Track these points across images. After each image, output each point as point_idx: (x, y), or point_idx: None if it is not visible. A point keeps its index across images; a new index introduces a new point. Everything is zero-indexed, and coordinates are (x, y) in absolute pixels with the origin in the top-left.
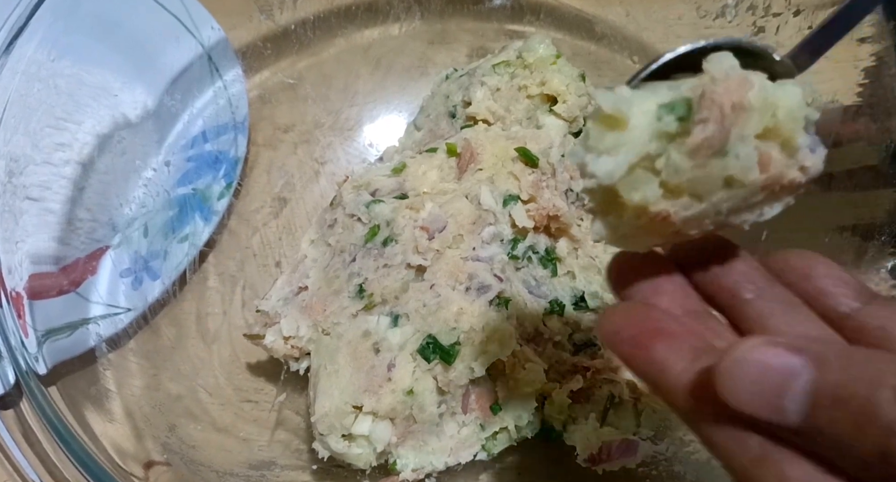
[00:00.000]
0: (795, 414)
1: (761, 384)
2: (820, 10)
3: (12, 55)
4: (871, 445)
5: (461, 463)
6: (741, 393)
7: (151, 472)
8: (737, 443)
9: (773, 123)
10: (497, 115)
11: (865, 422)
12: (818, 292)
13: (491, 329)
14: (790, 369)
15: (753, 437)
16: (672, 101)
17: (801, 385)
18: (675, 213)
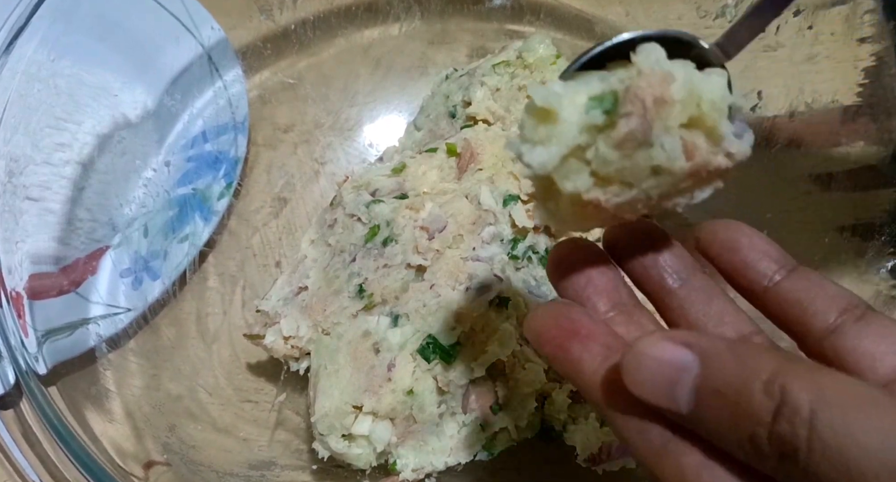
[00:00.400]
0: (685, 404)
1: (656, 376)
2: (820, 10)
3: (12, 55)
4: (743, 433)
5: (461, 463)
6: (641, 384)
7: (151, 472)
8: (641, 437)
9: (697, 113)
10: (497, 115)
11: (739, 412)
12: (743, 265)
13: (491, 329)
14: (680, 364)
15: (655, 430)
16: (600, 94)
17: (690, 379)
18: (607, 200)
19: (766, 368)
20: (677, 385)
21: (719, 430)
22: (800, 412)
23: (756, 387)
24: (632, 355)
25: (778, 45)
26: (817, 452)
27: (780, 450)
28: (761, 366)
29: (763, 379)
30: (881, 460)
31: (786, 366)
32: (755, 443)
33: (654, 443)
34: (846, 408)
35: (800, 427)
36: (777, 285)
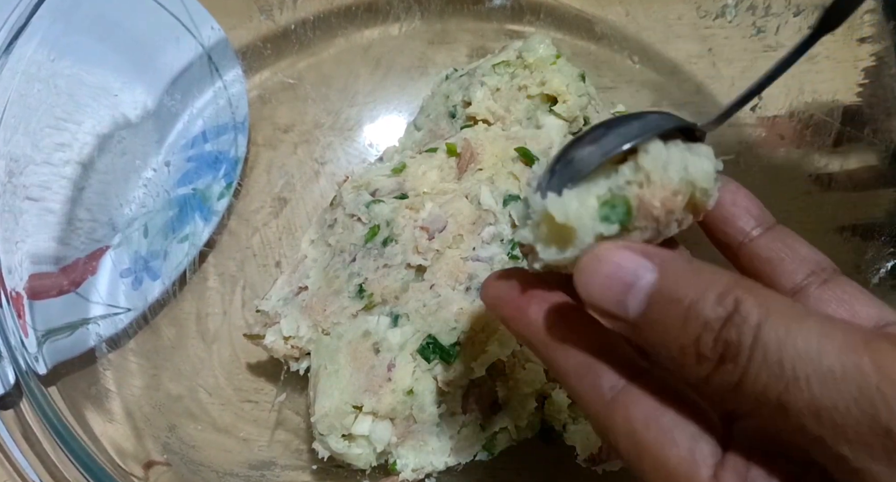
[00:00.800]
0: (634, 309)
1: (611, 280)
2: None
3: (12, 55)
4: (689, 338)
5: (461, 463)
6: (593, 286)
7: (151, 472)
8: (593, 390)
9: (691, 202)
10: (497, 115)
11: (689, 317)
12: (723, 219)
13: (491, 329)
14: (638, 270)
15: (605, 382)
16: (611, 200)
17: (644, 284)
18: None
19: (721, 282)
20: (631, 290)
21: (663, 336)
22: (748, 320)
23: (710, 297)
24: (591, 257)
25: (778, 45)
26: (758, 356)
27: (722, 353)
28: (717, 280)
29: (718, 291)
30: (814, 364)
31: (740, 282)
32: (698, 347)
33: (604, 395)
34: (790, 320)
35: (746, 333)
36: (753, 242)
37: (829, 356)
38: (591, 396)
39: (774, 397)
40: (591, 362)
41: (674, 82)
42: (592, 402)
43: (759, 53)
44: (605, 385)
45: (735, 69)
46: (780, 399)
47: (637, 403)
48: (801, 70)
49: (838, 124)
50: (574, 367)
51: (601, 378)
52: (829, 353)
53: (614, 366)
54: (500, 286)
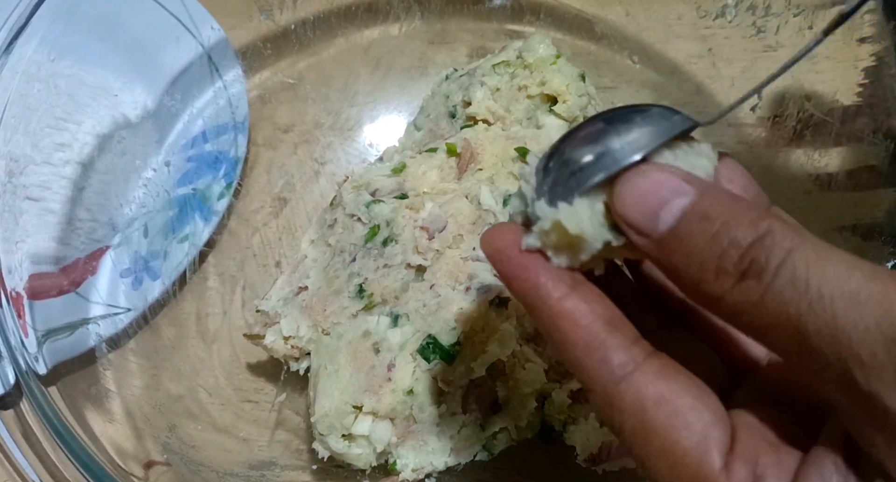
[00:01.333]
0: (665, 224)
1: (649, 194)
2: (820, 10)
3: (12, 55)
4: (713, 253)
5: (461, 463)
6: (629, 198)
7: (151, 472)
8: (603, 366)
9: None
10: (497, 115)
11: (719, 233)
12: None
13: (491, 329)
14: (678, 189)
15: (616, 357)
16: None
17: (680, 202)
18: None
19: (758, 211)
20: (665, 205)
21: (687, 252)
22: (779, 243)
23: (744, 219)
24: (635, 171)
25: (778, 45)
26: (786, 274)
27: (745, 269)
28: (754, 209)
29: (753, 216)
30: (841, 286)
31: (773, 213)
32: (721, 261)
33: (613, 371)
34: (821, 250)
35: (776, 254)
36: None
37: (856, 280)
38: (599, 371)
39: (795, 316)
40: (602, 335)
41: (674, 82)
42: (600, 377)
43: (759, 53)
44: (615, 360)
45: (735, 69)
46: (801, 318)
47: (651, 382)
48: (801, 70)
49: (838, 124)
50: (583, 339)
51: (612, 352)
52: (856, 279)
53: (624, 343)
54: (504, 237)
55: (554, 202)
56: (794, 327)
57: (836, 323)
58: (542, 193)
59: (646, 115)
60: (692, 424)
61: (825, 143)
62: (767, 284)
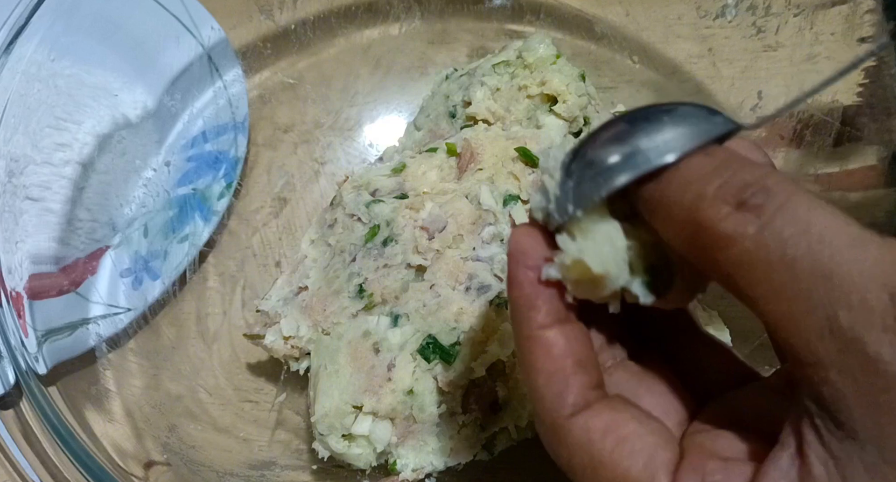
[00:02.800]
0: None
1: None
2: (820, 10)
3: (12, 55)
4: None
5: (461, 463)
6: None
7: (151, 472)
8: (558, 399)
9: None
10: (497, 114)
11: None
12: None
13: (491, 329)
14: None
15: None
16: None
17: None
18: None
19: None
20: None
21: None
22: (782, 185)
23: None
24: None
25: (778, 45)
26: (787, 213)
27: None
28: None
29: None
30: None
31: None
32: (721, 191)
33: (565, 408)
34: (821, 201)
35: (777, 193)
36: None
37: (857, 229)
38: (553, 404)
39: (790, 255)
40: (567, 372)
41: (674, 82)
42: (552, 410)
43: (759, 53)
44: (569, 399)
45: (735, 69)
46: (796, 257)
47: (597, 416)
48: (800, 70)
49: (838, 124)
50: (549, 370)
51: (570, 391)
52: (857, 228)
53: (585, 385)
54: (534, 246)
55: (580, 203)
56: (787, 265)
57: (834, 263)
58: (566, 192)
59: (684, 115)
60: (638, 450)
61: (825, 143)
62: (767, 219)
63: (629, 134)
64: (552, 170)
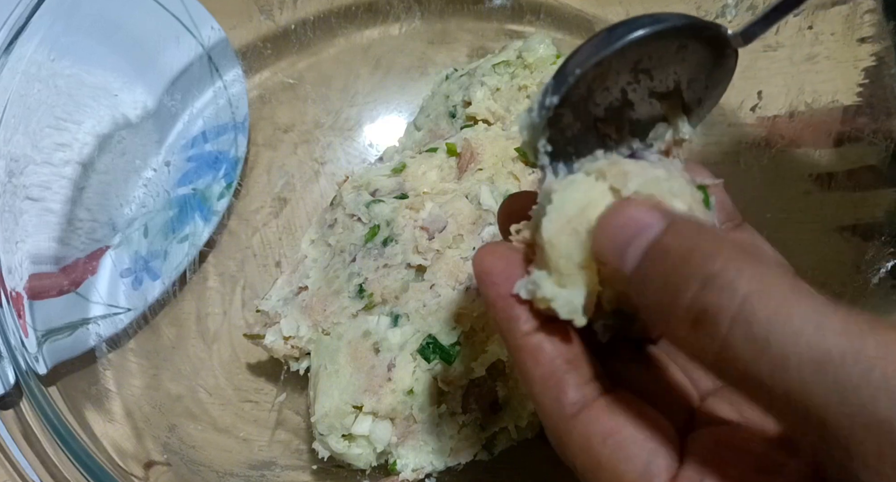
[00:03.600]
0: (631, 261)
1: (619, 230)
2: (820, 10)
3: (12, 55)
4: (669, 294)
5: (461, 463)
6: (603, 235)
7: (152, 472)
8: (557, 403)
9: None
10: (497, 114)
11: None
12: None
13: (491, 329)
14: (647, 223)
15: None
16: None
17: (646, 237)
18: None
19: (718, 244)
20: (633, 242)
21: (650, 292)
22: (735, 286)
23: (698, 255)
24: (612, 210)
25: (778, 45)
26: (741, 327)
27: (698, 315)
28: (716, 242)
29: (710, 250)
30: (808, 345)
31: (742, 248)
32: (675, 306)
33: (565, 410)
34: (785, 294)
35: (728, 300)
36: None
37: (826, 338)
38: (552, 408)
39: (757, 377)
40: (559, 374)
41: None
42: (553, 415)
43: (758, 53)
44: (567, 400)
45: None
46: (763, 381)
47: (596, 420)
48: (800, 70)
49: (838, 124)
50: (541, 376)
51: (565, 393)
52: (826, 335)
53: (579, 382)
54: (495, 263)
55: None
56: (760, 386)
57: (807, 389)
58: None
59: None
60: (635, 456)
61: (825, 143)
62: (722, 338)
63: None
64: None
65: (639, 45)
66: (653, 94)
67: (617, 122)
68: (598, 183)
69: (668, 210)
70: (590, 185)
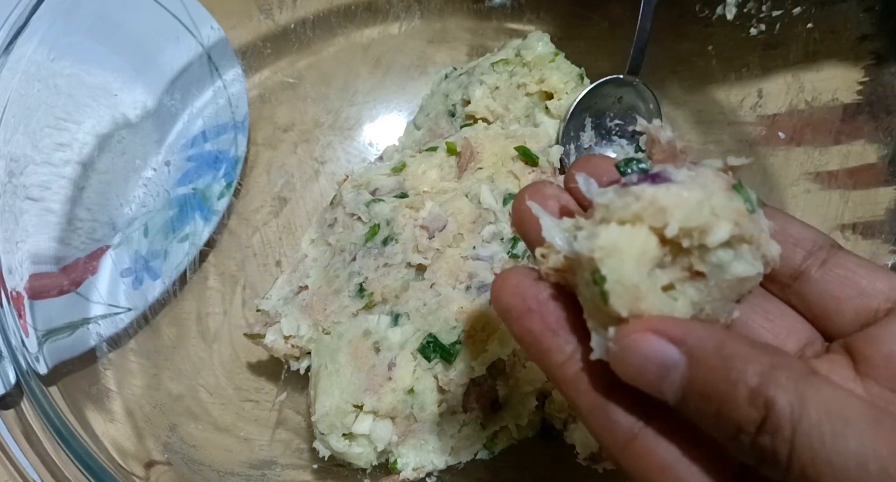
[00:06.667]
0: (671, 397)
1: (644, 370)
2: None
3: (12, 55)
4: (726, 434)
5: (462, 461)
6: (630, 374)
7: (152, 472)
8: (607, 434)
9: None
10: (496, 113)
11: (723, 416)
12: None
13: (491, 328)
14: (667, 362)
15: (619, 429)
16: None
17: (677, 376)
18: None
19: (752, 376)
20: (664, 381)
21: (704, 424)
22: (781, 430)
23: (741, 396)
24: (620, 348)
25: (778, 44)
26: (796, 469)
27: (760, 457)
28: (748, 374)
29: (749, 387)
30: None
31: (772, 374)
32: (737, 444)
33: (617, 440)
34: (824, 430)
35: (781, 444)
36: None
37: (870, 479)
38: (603, 437)
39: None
40: (603, 404)
41: (674, 81)
42: (605, 443)
43: (758, 52)
44: (618, 429)
45: (735, 69)
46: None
47: (652, 451)
48: (801, 68)
49: (838, 122)
50: (587, 405)
51: (614, 422)
52: (869, 476)
53: (626, 408)
54: (511, 297)
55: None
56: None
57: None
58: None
59: None
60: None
61: (825, 142)
62: (783, 476)
63: None
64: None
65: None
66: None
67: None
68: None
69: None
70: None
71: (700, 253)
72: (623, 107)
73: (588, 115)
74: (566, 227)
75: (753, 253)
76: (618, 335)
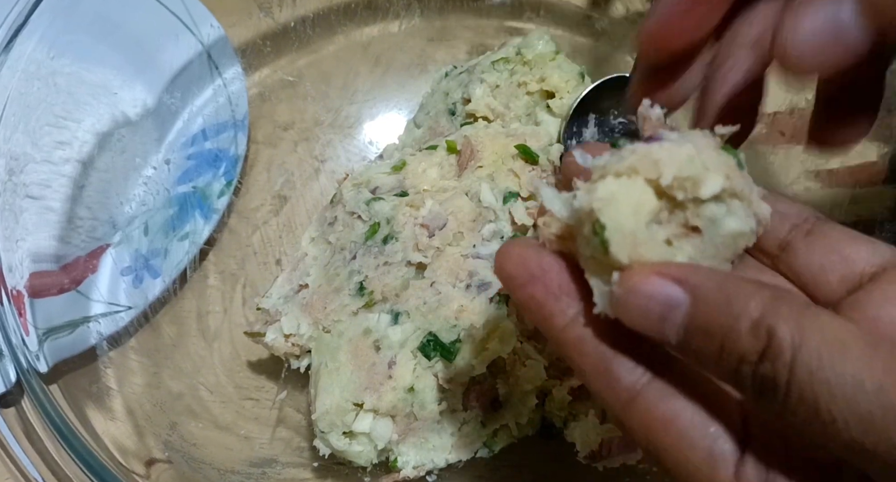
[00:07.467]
0: (674, 337)
1: (647, 312)
2: None
3: (11, 53)
4: (728, 367)
5: (462, 460)
6: (632, 318)
7: (153, 470)
8: (609, 392)
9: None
10: (497, 112)
11: (725, 349)
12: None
13: (491, 326)
14: (670, 300)
15: (621, 385)
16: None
17: (678, 314)
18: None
19: (754, 309)
20: (667, 321)
21: (705, 362)
22: (782, 355)
23: (743, 328)
24: (624, 290)
25: None
26: (794, 394)
27: (760, 387)
28: (750, 307)
29: (751, 319)
30: (850, 407)
31: (773, 306)
32: (738, 377)
33: (620, 397)
34: (822, 354)
35: (781, 369)
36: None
37: (866, 398)
38: (607, 396)
39: (812, 434)
40: (606, 362)
41: None
42: (609, 403)
43: None
44: (620, 386)
45: None
46: (819, 437)
47: (654, 406)
48: None
49: None
50: (590, 365)
51: (616, 380)
52: (866, 395)
53: (629, 364)
54: (515, 265)
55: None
56: (818, 441)
57: (857, 444)
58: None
59: None
60: (697, 442)
61: None
62: (781, 404)
63: None
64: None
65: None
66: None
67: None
68: (633, 181)
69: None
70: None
71: (694, 207)
72: (625, 105)
73: (589, 113)
74: (566, 198)
75: (745, 210)
76: (622, 278)
